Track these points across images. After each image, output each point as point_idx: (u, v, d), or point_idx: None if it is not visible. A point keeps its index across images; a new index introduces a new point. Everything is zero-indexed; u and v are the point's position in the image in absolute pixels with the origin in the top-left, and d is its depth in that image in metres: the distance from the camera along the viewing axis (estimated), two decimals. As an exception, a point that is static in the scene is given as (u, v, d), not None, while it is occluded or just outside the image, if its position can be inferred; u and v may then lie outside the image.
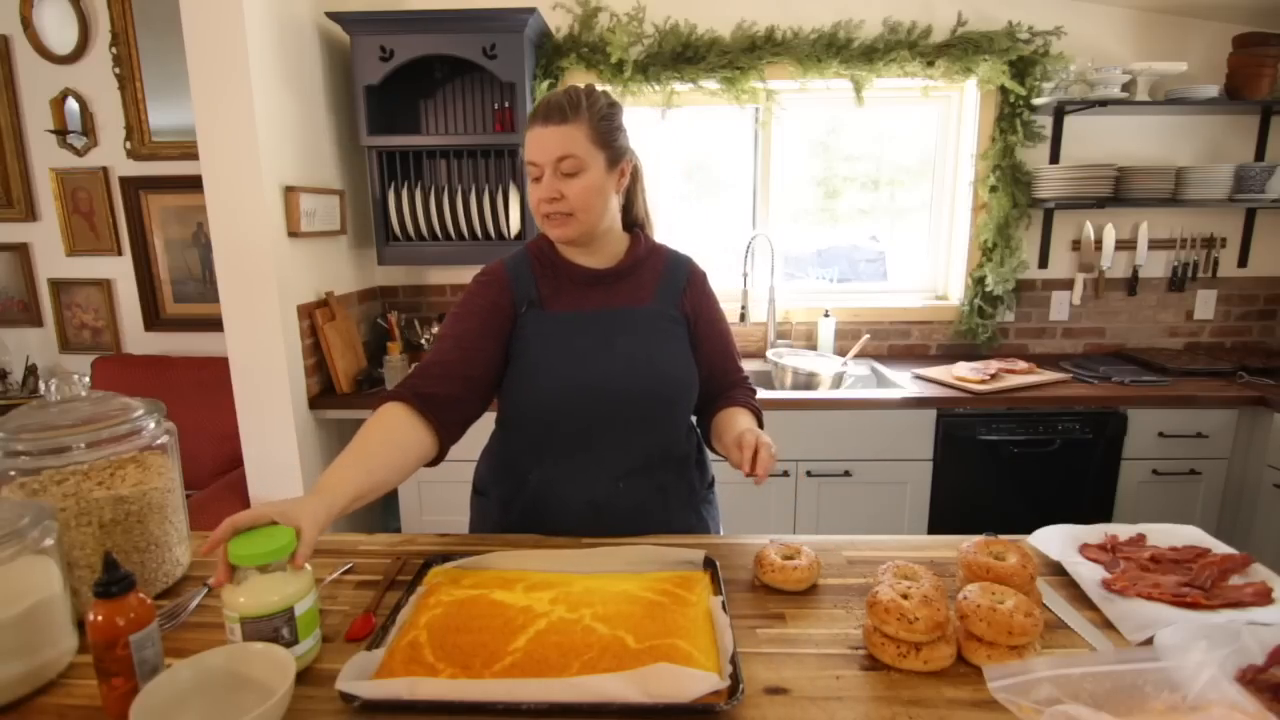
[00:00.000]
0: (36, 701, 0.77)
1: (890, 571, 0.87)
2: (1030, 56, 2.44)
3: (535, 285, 1.16)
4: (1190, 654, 0.69)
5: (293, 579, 0.79)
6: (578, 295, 1.17)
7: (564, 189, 1.07)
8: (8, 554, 0.76)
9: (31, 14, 2.57)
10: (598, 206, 1.10)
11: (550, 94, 1.10)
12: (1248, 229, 2.63)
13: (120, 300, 2.79)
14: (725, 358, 1.26)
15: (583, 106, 1.08)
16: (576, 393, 1.11)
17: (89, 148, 2.67)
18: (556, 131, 1.06)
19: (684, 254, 1.26)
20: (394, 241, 2.45)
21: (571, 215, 1.09)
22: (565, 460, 1.15)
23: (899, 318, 2.74)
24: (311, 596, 0.81)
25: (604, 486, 1.14)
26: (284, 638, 0.77)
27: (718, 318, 1.26)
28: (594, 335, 1.13)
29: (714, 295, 1.26)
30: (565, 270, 1.17)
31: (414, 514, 2.34)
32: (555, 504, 1.15)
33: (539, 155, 1.08)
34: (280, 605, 0.77)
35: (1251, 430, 2.18)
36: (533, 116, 1.10)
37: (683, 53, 2.48)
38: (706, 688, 0.71)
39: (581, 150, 1.07)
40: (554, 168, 1.07)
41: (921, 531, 2.25)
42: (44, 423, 0.90)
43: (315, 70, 2.31)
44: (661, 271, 1.21)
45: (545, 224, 1.12)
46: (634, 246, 1.20)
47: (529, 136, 1.09)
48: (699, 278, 1.24)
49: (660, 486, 1.18)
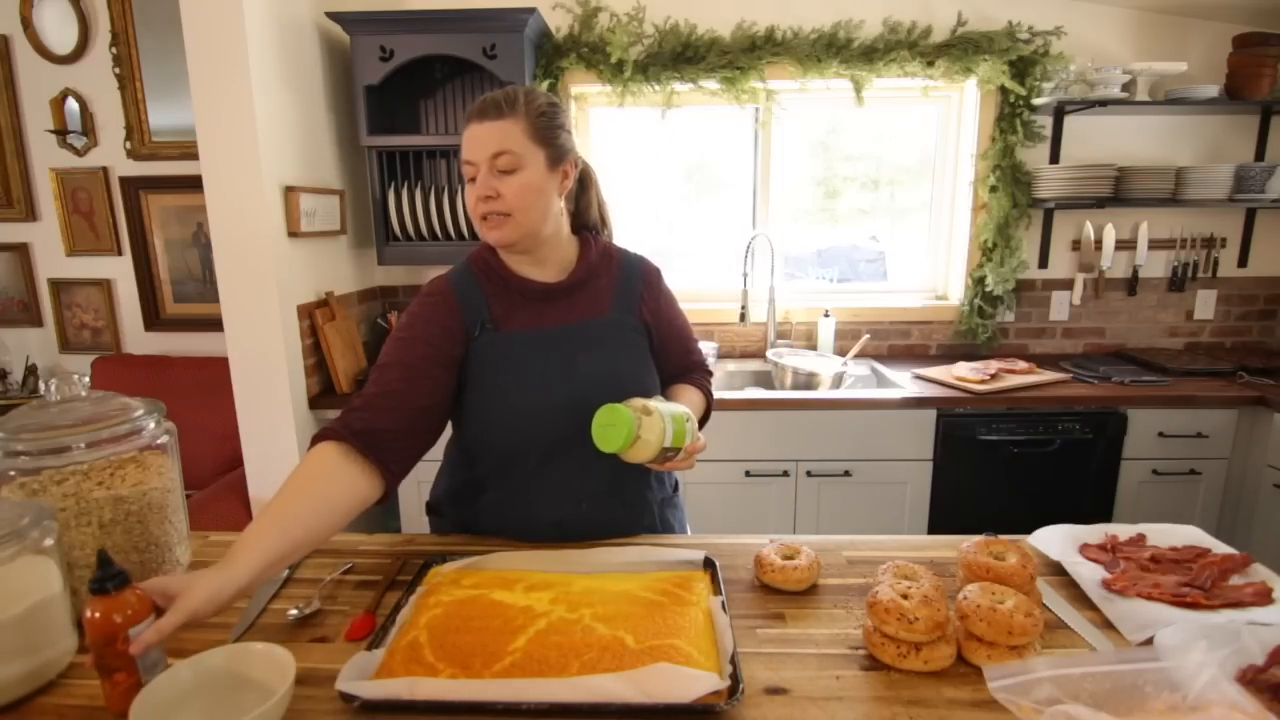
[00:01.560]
0: (36, 701, 0.77)
1: (890, 571, 0.87)
2: (1030, 56, 2.44)
3: (487, 305, 1.10)
4: (1190, 654, 0.69)
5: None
6: (534, 312, 1.11)
7: (500, 187, 1.01)
8: (8, 554, 0.76)
9: (31, 14, 2.57)
10: (538, 207, 1.04)
11: (488, 94, 1.05)
12: (1248, 229, 2.63)
13: (120, 300, 2.79)
14: (684, 351, 1.25)
15: (520, 102, 1.03)
16: (539, 417, 1.06)
17: (89, 148, 2.67)
18: (492, 127, 1.01)
19: (635, 254, 1.22)
20: (394, 241, 2.45)
21: (509, 216, 1.02)
22: (528, 483, 1.10)
23: (899, 318, 2.74)
24: (666, 424, 0.95)
25: (569, 508, 1.11)
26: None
27: (675, 314, 1.24)
28: (554, 356, 1.08)
29: (669, 293, 1.23)
30: (517, 286, 1.11)
31: (414, 514, 2.34)
32: (517, 526, 1.12)
33: (473, 153, 1.02)
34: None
35: (1251, 430, 2.18)
36: (469, 115, 1.04)
37: (683, 53, 2.48)
38: (706, 688, 0.71)
39: (518, 146, 1.01)
40: (489, 165, 1.01)
41: (921, 531, 2.25)
42: (44, 423, 0.90)
43: (315, 70, 2.31)
44: (618, 278, 1.16)
45: (482, 227, 1.05)
46: (585, 253, 1.15)
47: (465, 136, 1.04)
48: (654, 278, 1.21)
49: (625, 502, 1.16)
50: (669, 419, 0.98)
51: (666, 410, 0.99)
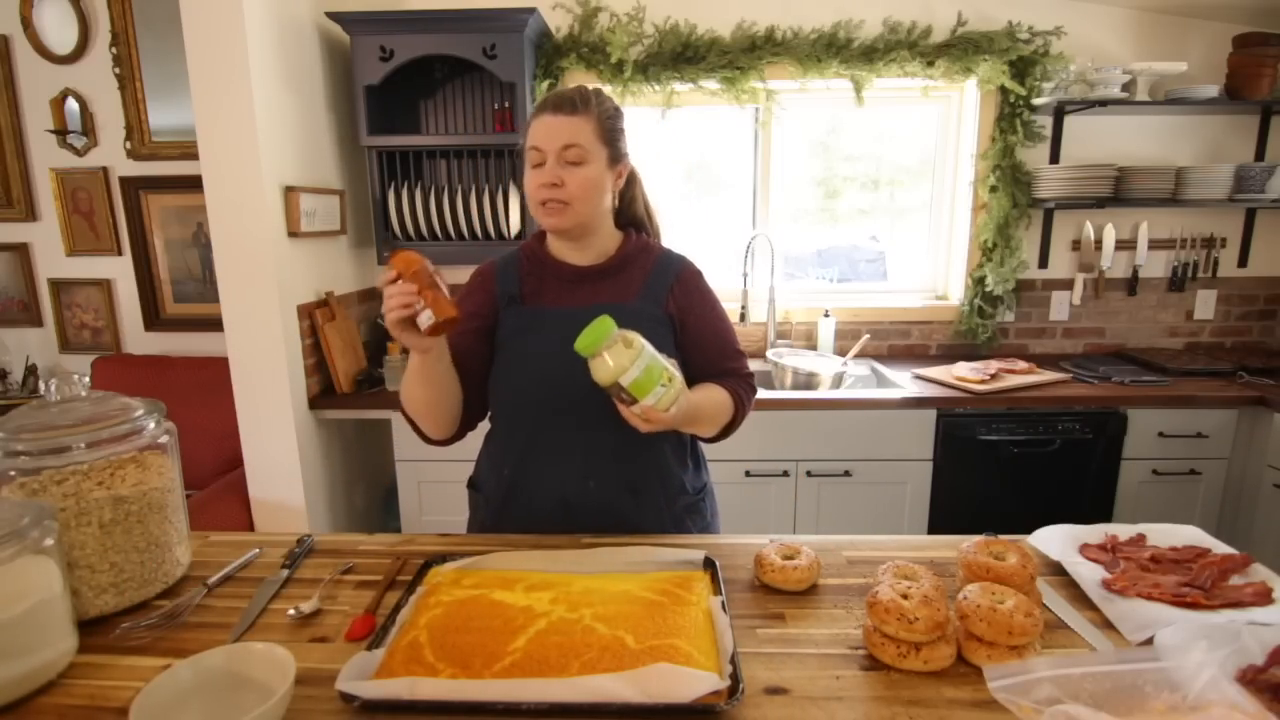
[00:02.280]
0: (36, 701, 0.77)
1: (890, 571, 0.87)
2: (1030, 56, 2.44)
3: (519, 282, 1.19)
4: (1190, 654, 0.69)
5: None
6: (563, 291, 1.18)
7: (566, 177, 1.09)
8: (8, 554, 0.76)
9: (31, 14, 2.57)
10: (594, 200, 1.12)
11: (559, 89, 1.13)
12: (1248, 229, 2.63)
13: (120, 300, 2.80)
14: (722, 355, 1.22)
15: (593, 103, 1.12)
16: (544, 386, 1.12)
17: (89, 148, 2.67)
18: (567, 121, 1.09)
19: (678, 254, 1.25)
20: (394, 241, 2.45)
21: (568, 205, 1.10)
22: (537, 455, 1.16)
23: (899, 318, 2.74)
24: (636, 367, 0.95)
25: (574, 484, 1.14)
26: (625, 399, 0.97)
27: (712, 316, 1.22)
28: (572, 330, 1.07)
29: (709, 293, 1.23)
30: (552, 267, 1.19)
31: (414, 514, 2.34)
32: (526, 500, 1.17)
33: (545, 141, 1.09)
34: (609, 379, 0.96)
35: (1251, 430, 2.18)
36: (541, 106, 1.12)
37: (683, 53, 2.48)
38: (706, 688, 0.71)
39: (587, 142, 1.09)
40: (558, 155, 1.09)
41: (921, 531, 2.25)
42: (44, 423, 0.90)
43: (315, 70, 2.31)
44: (650, 270, 1.20)
45: (540, 211, 1.12)
46: (624, 245, 1.21)
47: (535, 124, 1.11)
48: (690, 276, 1.22)
49: (631, 487, 1.16)
50: (642, 367, 0.95)
51: (648, 359, 0.96)
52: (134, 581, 0.93)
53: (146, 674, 0.75)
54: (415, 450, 2.27)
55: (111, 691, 0.78)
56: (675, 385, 0.99)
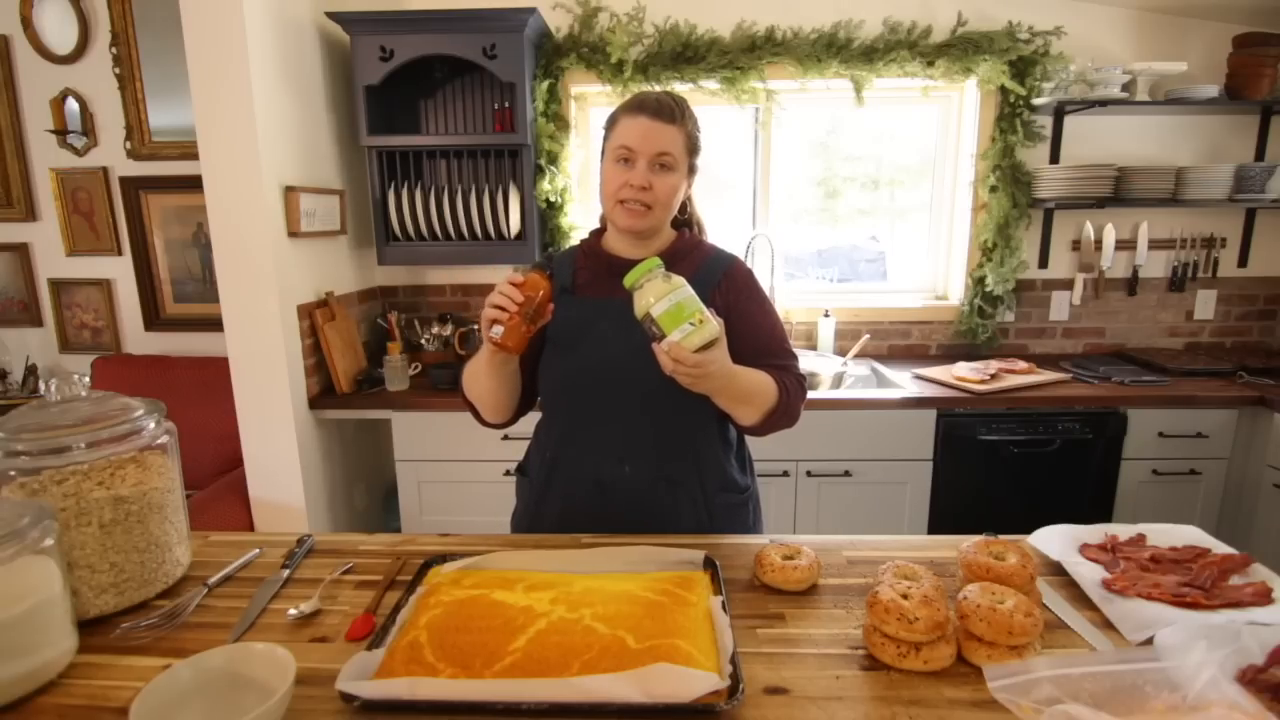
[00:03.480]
0: (36, 701, 0.77)
1: (890, 571, 0.87)
2: (1030, 56, 2.44)
3: (574, 274, 1.24)
4: (1190, 654, 0.69)
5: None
6: (613, 284, 1.15)
7: (655, 181, 1.13)
8: (8, 554, 0.76)
9: (31, 14, 2.57)
10: (674, 206, 1.18)
11: (652, 92, 1.17)
12: (1248, 229, 2.63)
13: (120, 300, 2.80)
14: (769, 351, 1.20)
15: (687, 114, 1.17)
16: (586, 372, 1.16)
17: (89, 148, 2.67)
18: (666, 129, 1.13)
19: (730, 253, 1.28)
20: (394, 241, 2.45)
21: (651, 209, 1.14)
22: (577, 439, 1.20)
23: (899, 318, 2.74)
24: (669, 299, 0.97)
25: (610, 466, 1.17)
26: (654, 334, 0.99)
27: (759, 314, 1.22)
28: (617, 320, 1.12)
29: (759, 290, 1.25)
30: (605, 260, 1.23)
31: (414, 514, 2.34)
32: (566, 482, 1.21)
33: (641, 144, 1.12)
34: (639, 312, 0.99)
35: (1251, 430, 2.18)
36: (637, 107, 1.14)
37: (683, 53, 2.48)
38: (706, 688, 0.71)
39: (678, 152, 1.14)
40: (651, 160, 1.12)
41: (921, 531, 2.25)
42: (44, 423, 0.90)
43: (315, 70, 2.31)
44: (699, 267, 1.22)
45: (618, 210, 1.15)
46: (676, 242, 1.25)
47: (630, 123, 1.13)
48: (739, 274, 1.24)
49: (668, 477, 1.18)
50: (675, 301, 0.97)
51: (683, 295, 0.97)
52: (134, 581, 0.93)
53: (146, 674, 0.75)
54: (415, 450, 2.27)
55: (111, 691, 0.78)
56: (706, 329, 0.97)
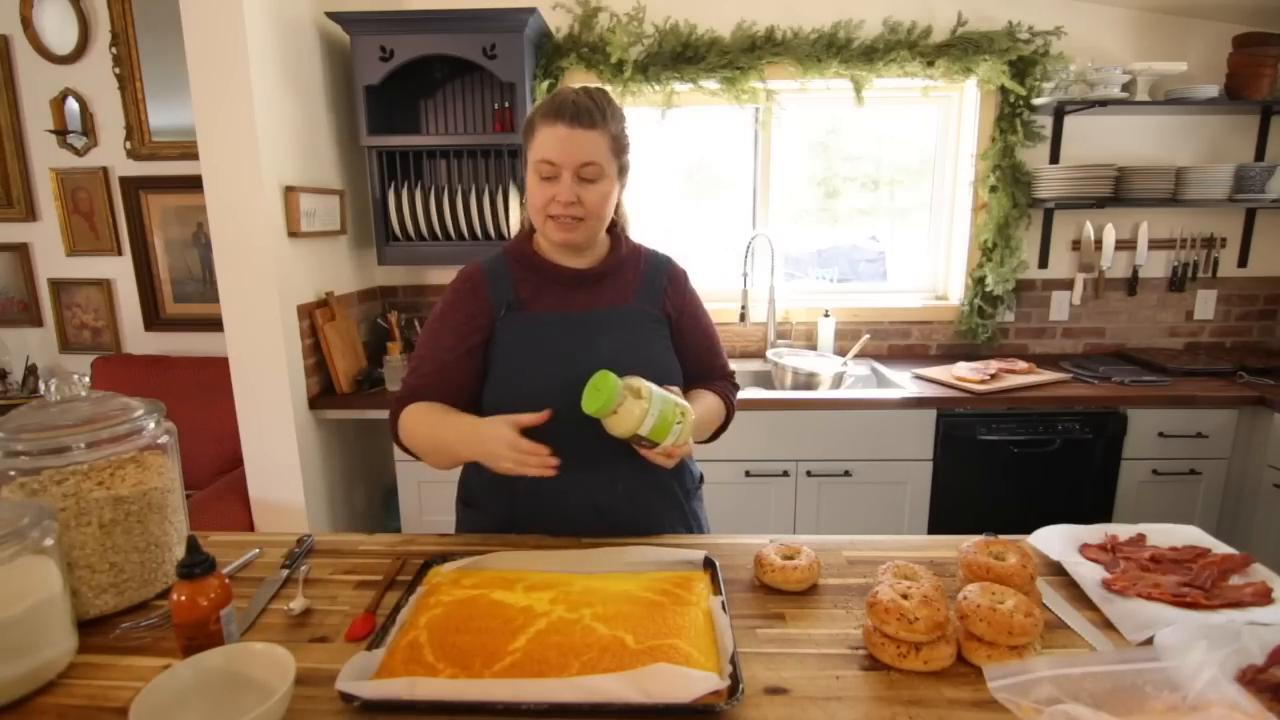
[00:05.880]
0: (36, 701, 0.77)
1: (890, 571, 0.87)
2: (1030, 56, 2.44)
3: (513, 288, 1.13)
4: (1190, 654, 0.69)
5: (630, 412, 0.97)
6: (563, 296, 1.15)
7: (583, 194, 1.05)
8: (8, 554, 0.76)
9: (31, 14, 2.57)
10: (607, 214, 1.10)
11: (569, 93, 1.05)
12: (1248, 229, 2.63)
13: (120, 300, 2.79)
14: (710, 354, 1.26)
15: (608, 115, 1.06)
16: (560, 394, 1.04)
17: (89, 148, 2.67)
18: (586, 136, 1.03)
19: (663, 254, 1.26)
20: (394, 241, 2.45)
21: (583, 221, 1.07)
22: (565, 463, 1.04)
23: (899, 318, 2.74)
24: (651, 415, 0.96)
25: (604, 490, 1.12)
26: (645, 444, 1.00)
27: (700, 315, 1.26)
28: (579, 336, 1.11)
29: (695, 293, 1.26)
30: (548, 271, 1.14)
31: (414, 514, 2.34)
32: (556, 511, 1.12)
33: (561, 156, 1.03)
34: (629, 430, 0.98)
35: (1251, 430, 2.18)
36: (554, 114, 1.04)
37: (683, 53, 2.48)
38: (706, 688, 0.71)
39: (603, 159, 1.05)
40: (575, 171, 1.04)
41: (921, 531, 2.25)
42: (44, 423, 0.90)
43: (315, 70, 2.31)
44: (643, 271, 1.20)
45: (549, 225, 1.08)
46: (615, 247, 1.19)
47: (548, 134, 1.04)
48: (679, 277, 1.24)
49: (660, 486, 1.18)
50: (656, 412, 0.97)
51: (660, 402, 0.98)
52: (134, 581, 0.93)
53: (146, 674, 0.76)
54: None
55: (111, 691, 0.78)
56: (688, 418, 1.02)
